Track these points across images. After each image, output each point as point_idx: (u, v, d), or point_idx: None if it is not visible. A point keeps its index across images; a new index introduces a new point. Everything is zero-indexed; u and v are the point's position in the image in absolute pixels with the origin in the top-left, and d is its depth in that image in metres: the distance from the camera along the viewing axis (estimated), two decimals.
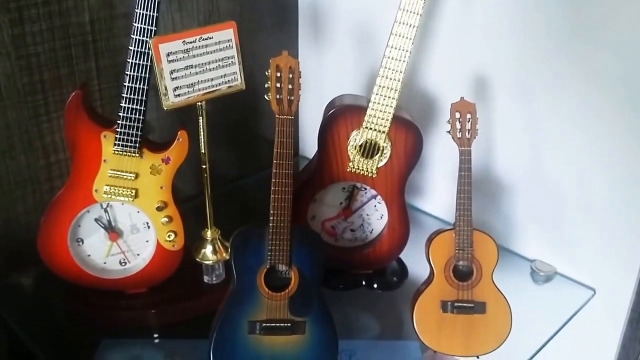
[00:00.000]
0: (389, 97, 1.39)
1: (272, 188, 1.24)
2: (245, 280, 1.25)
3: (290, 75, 1.23)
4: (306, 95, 1.27)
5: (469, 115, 1.33)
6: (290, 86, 1.23)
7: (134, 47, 1.29)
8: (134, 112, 1.33)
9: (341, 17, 1.84)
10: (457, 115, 1.34)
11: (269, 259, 1.24)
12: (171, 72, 1.30)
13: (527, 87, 1.53)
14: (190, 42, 1.31)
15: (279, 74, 1.23)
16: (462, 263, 1.33)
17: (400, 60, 1.37)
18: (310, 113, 1.65)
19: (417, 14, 1.35)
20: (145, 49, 1.29)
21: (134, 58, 1.30)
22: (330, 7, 1.86)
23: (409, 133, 1.42)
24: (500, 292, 1.34)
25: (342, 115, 1.42)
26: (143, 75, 1.31)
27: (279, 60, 1.23)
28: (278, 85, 1.23)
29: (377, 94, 1.39)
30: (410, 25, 1.35)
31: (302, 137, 2.08)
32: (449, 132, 1.34)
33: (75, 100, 1.34)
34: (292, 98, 1.24)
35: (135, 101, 1.32)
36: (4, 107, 1.46)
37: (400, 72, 1.37)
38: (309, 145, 2.05)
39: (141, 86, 1.31)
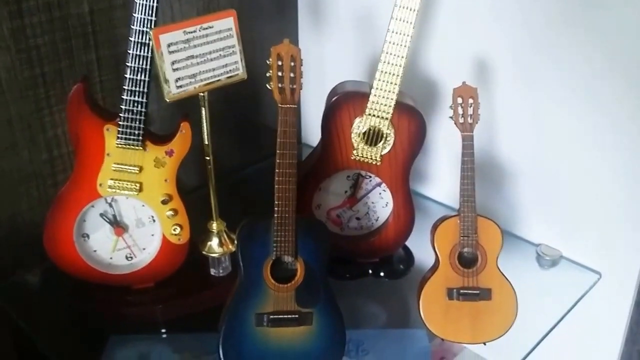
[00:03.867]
0: (391, 83, 1.38)
1: (276, 178, 1.23)
2: (252, 273, 1.25)
3: (292, 64, 1.23)
4: (307, 82, 1.26)
5: (471, 100, 1.33)
6: (292, 74, 1.22)
7: (134, 38, 1.29)
8: (136, 104, 1.32)
9: (341, 1, 1.83)
10: (459, 100, 1.33)
11: (275, 250, 1.24)
12: (172, 63, 1.29)
13: (530, 70, 1.52)
14: (191, 32, 1.31)
15: (280, 63, 1.22)
16: (467, 250, 1.34)
17: (401, 45, 1.36)
18: (312, 100, 1.65)
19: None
20: (145, 39, 1.28)
21: (135, 49, 1.29)
22: None
23: (412, 119, 1.41)
24: (506, 278, 1.35)
25: (344, 102, 1.42)
26: (144, 66, 1.30)
27: (280, 49, 1.22)
28: (280, 74, 1.22)
29: (379, 80, 1.38)
30: (410, 9, 1.34)
31: (304, 124, 2.07)
32: (451, 117, 1.34)
33: (77, 94, 1.33)
34: (295, 87, 1.23)
35: (137, 93, 1.31)
36: (5, 102, 1.45)
37: (402, 57, 1.36)
38: (311, 133, 2.05)
39: (142, 78, 1.31)
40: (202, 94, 1.35)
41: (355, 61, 1.84)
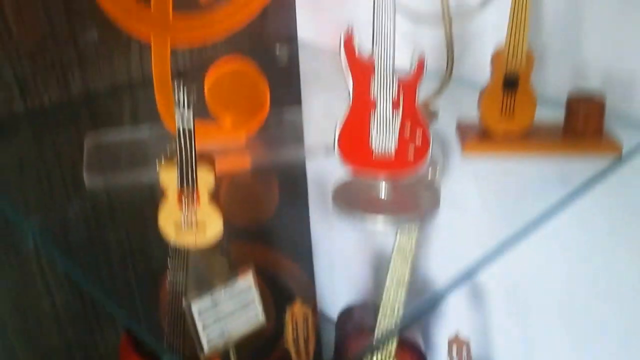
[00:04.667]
0: (393, 316, 1.51)
1: None
2: None
3: (306, 326, 1.41)
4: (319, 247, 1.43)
5: (464, 352, 1.49)
6: (306, 336, 1.41)
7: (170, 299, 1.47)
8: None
9: None
10: (454, 349, 1.49)
11: None
12: (204, 328, 1.50)
13: (522, 294, 1.64)
14: (217, 295, 1.50)
15: (295, 326, 1.41)
16: None
17: (400, 286, 1.51)
18: (324, 262, 1.82)
19: (411, 250, 1.48)
20: (179, 301, 1.46)
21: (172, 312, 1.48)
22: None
23: (414, 356, 1.58)
24: None
25: (353, 338, 1.59)
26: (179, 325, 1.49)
27: (294, 312, 1.40)
28: (294, 336, 1.41)
29: (382, 311, 1.52)
30: (409, 242, 1.47)
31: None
32: None
33: (124, 347, 1.54)
34: (310, 347, 1.41)
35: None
36: (62, 329, 1.66)
37: (401, 301, 1.51)
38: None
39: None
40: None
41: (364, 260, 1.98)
